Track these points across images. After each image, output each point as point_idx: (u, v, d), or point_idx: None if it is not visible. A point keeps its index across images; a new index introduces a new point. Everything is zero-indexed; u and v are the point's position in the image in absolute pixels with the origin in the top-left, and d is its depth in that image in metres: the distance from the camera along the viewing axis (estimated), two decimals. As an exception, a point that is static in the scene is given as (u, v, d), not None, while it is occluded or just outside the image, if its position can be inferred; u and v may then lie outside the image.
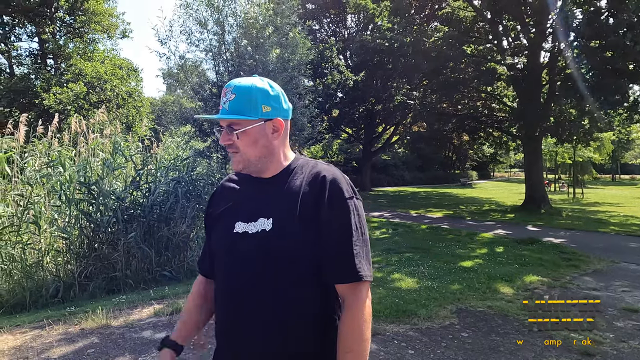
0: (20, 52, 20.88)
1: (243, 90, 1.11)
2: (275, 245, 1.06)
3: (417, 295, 4.68)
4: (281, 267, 1.05)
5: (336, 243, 1.06)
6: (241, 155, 1.12)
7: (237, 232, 1.11)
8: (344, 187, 1.10)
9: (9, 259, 5.35)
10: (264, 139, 1.13)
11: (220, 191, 1.29)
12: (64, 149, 7.06)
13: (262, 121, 1.12)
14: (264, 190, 1.16)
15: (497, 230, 10.01)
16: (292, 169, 1.17)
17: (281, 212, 1.09)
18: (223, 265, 1.14)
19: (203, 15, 7.58)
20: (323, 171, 1.13)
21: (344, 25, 26.53)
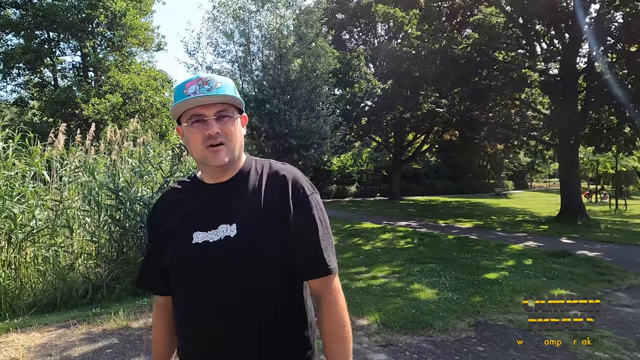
0: (64, 66, 22.20)
1: (226, 81, 1.10)
2: (242, 250, 1.02)
3: (435, 306, 4.58)
4: (250, 272, 1.02)
5: (304, 241, 1.06)
6: (227, 147, 1.07)
7: (196, 242, 1.05)
8: (304, 185, 1.11)
9: (44, 261, 5.63)
10: (240, 132, 1.12)
11: (164, 206, 1.21)
12: (99, 157, 7.40)
13: (239, 111, 1.13)
14: (221, 195, 1.11)
15: (527, 242, 9.65)
16: (247, 170, 1.14)
17: (244, 217, 1.06)
18: (186, 280, 1.07)
19: (229, 28, 7.82)
20: (281, 170, 1.12)
21: (374, 33, 26.58)
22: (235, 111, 1.11)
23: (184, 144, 1.16)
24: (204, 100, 1.04)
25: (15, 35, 19.67)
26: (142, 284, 1.26)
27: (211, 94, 1.04)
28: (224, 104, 1.07)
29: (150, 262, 1.20)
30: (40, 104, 19.55)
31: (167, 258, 1.11)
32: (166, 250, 1.11)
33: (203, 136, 1.05)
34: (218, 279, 1.03)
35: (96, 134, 8.59)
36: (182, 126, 1.10)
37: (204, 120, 1.05)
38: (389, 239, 10.30)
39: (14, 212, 5.38)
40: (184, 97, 1.04)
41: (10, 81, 20.38)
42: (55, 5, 18.82)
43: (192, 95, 1.04)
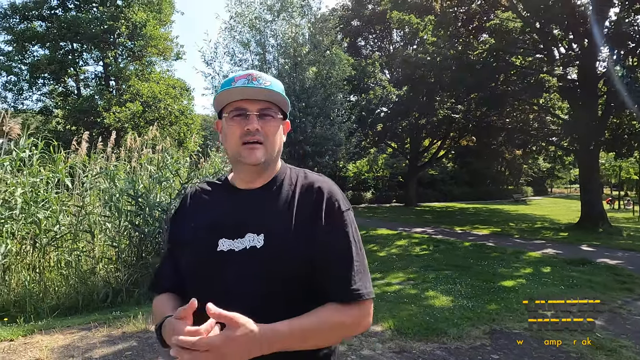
0: (87, 75, 22.88)
1: (275, 82, 1.06)
2: (268, 263, 0.97)
3: (449, 313, 4.56)
4: (275, 287, 0.97)
5: (336, 260, 0.99)
6: (266, 146, 1.02)
7: (221, 250, 1.00)
8: (340, 200, 1.05)
9: (67, 265, 5.81)
10: (280, 137, 1.08)
11: (190, 205, 1.15)
12: (119, 164, 7.60)
13: (284, 117, 1.10)
14: (251, 202, 1.05)
15: (546, 250, 9.49)
16: (281, 178, 1.08)
17: (273, 227, 1.00)
18: (207, 286, 1.00)
19: (246, 37, 7.98)
20: (317, 182, 1.06)
21: (389, 40, 26.63)
22: (279, 113, 1.06)
23: (221, 140, 1.10)
24: (249, 93, 1.01)
25: (41, 47, 20.41)
26: (156, 289, 1.16)
27: (260, 87, 1.01)
28: (269, 102, 1.03)
29: (168, 267, 1.14)
30: (64, 112, 20.18)
31: (189, 261, 1.05)
32: (189, 252, 1.06)
33: (242, 131, 1.00)
34: (241, 289, 0.97)
35: (117, 141, 8.81)
36: (221, 120, 1.07)
37: (245, 114, 1.01)
38: (405, 246, 10.27)
39: (39, 217, 5.58)
40: (229, 87, 1.02)
41: (35, 91, 21.12)
42: (79, 17, 19.46)
43: (239, 86, 1.01)
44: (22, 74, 20.13)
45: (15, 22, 19.92)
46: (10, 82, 20.05)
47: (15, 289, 5.10)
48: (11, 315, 4.69)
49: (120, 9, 20.21)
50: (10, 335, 3.81)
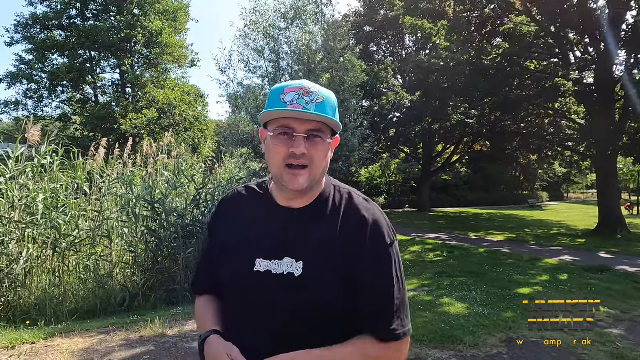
0: (104, 83, 23.38)
1: (329, 97, 0.98)
2: (305, 294, 0.94)
3: (465, 321, 4.52)
4: (308, 315, 0.95)
5: (376, 299, 0.96)
6: (310, 170, 0.96)
7: (258, 270, 0.98)
8: (385, 232, 0.99)
9: (85, 270, 5.93)
10: (327, 158, 1.00)
11: (229, 213, 1.12)
12: (136, 170, 7.74)
13: (333, 134, 1.01)
14: (292, 223, 1.01)
15: (563, 257, 9.33)
16: (325, 199, 1.04)
17: (314, 256, 0.96)
18: (242, 305, 1.01)
19: (260, 45, 8.09)
20: (363, 210, 1.01)
21: (402, 45, 26.63)
22: (329, 133, 0.99)
23: (264, 151, 1.05)
24: (299, 115, 0.93)
25: (60, 55, 20.94)
26: (198, 290, 1.17)
27: (308, 110, 0.93)
28: (319, 122, 0.95)
29: (208, 269, 1.13)
30: (82, 119, 20.63)
31: (225, 275, 1.04)
32: (225, 265, 1.05)
33: (286, 152, 0.94)
34: (274, 313, 0.96)
35: (133, 147, 8.96)
36: (266, 132, 1.01)
37: (292, 134, 0.95)
38: (418, 252, 10.20)
39: (59, 222, 5.71)
40: (277, 105, 0.95)
41: (55, 98, 21.65)
42: (97, 26, 19.94)
43: (287, 103, 0.93)
44: (42, 82, 20.67)
45: (36, 32, 20.49)
46: (31, 89, 20.60)
47: (35, 293, 5.22)
48: (32, 318, 4.80)
49: (137, 17, 20.65)
50: (32, 338, 3.91)
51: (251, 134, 8.87)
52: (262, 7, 8.29)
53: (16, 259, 5.06)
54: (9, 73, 20.00)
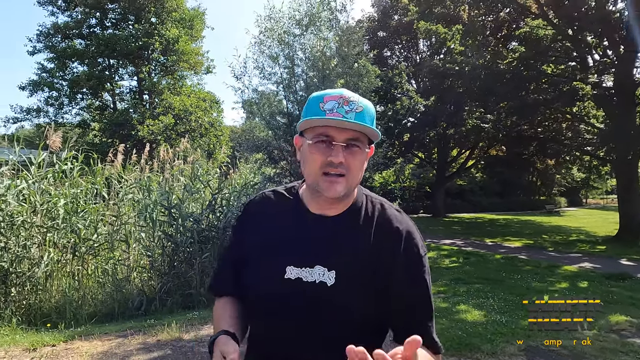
0: (122, 90, 23.87)
1: (367, 106, 0.97)
2: (337, 305, 0.93)
3: (483, 328, 4.46)
4: (339, 327, 0.94)
5: (412, 310, 0.96)
6: (347, 179, 0.95)
7: (289, 278, 0.96)
8: (419, 243, 1.00)
9: (104, 273, 6.03)
10: (363, 167, 0.99)
11: (257, 217, 1.10)
12: (153, 175, 7.86)
13: (370, 143, 1.00)
14: (324, 232, 1.00)
15: (583, 263, 9.13)
16: (358, 208, 1.03)
17: (347, 265, 0.95)
18: (270, 314, 0.98)
19: (275, 51, 8.17)
20: (395, 221, 1.01)
21: (416, 50, 26.55)
22: (367, 142, 0.98)
23: (299, 157, 1.04)
24: (339, 123, 0.92)
25: (80, 64, 21.47)
26: (218, 292, 1.15)
27: (347, 119, 0.92)
28: (358, 131, 0.95)
29: (230, 271, 1.11)
30: (101, 125, 21.05)
31: (253, 282, 1.02)
32: (253, 271, 1.03)
33: (324, 160, 0.94)
34: (303, 320, 0.95)
35: (150, 153, 9.11)
36: (302, 138, 1.00)
37: (330, 143, 0.94)
38: (433, 258, 10.10)
39: (79, 227, 5.83)
40: (316, 114, 0.94)
41: (74, 105, 22.17)
42: (116, 35, 20.42)
43: (327, 112, 0.93)
44: (62, 89, 21.19)
45: (57, 41, 21.05)
46: (52, 97, 21.13)
47: (55, 296, 5.33)
48: (53, 321, 4.90)
49: (155, 26, 21.04)
50: (52, 340, 3.98)
51: (266, 139, 8.95)
52: (277, 14, 8.37)
53: (37, 263, 5.18)
54: (31, 81, 20.56)
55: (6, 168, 5.82)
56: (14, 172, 5.91)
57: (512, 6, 15.76)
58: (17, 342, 3.95)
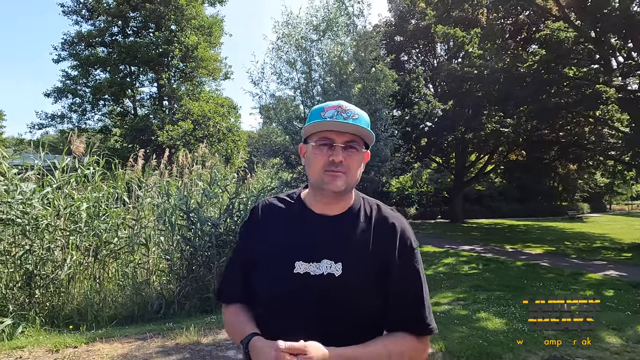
0: (143, 96, 24.33)
1: (362, 115, 1.10)
2: (346, 292, 1.03)
3: (504, 337, 4.35)
4: (345, 312, 1.02)
5: (408, 295, 1.07)
6: (347, 176, 1.07)
7: (298, 272, 1.04)
8: (411, 237, 1.12)
9: (124, 277, 6.12)
10: (360, 168, 1.12)
11: (264, 221, 1.17)
12: (172, 180, 7.97)
13: (366, 148, 1.13)
14: (328, 229, 1.10)
15: (608, 271, 8.86)
16: (357, 208, 1.14)
17: (351, 257, 1.06)
18: (276, 306, 1.06)
19: (292, 57, 8.22)
20: (391, 218, 1.12)
21: (433, 54, 26.37)
22: (363, 145, 1.11)
23: (304, 163, 1.16)
24: (338, 126, 1.05)
25: (102, 71, 22.01)
26: (228, 299, 1.20)
27: (347, 122, 1.05)
28: (355, 135, 1.08)
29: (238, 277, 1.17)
30: (122, 131, 21.51)
31: (262, 280, 1.09)
32: (261, 270, 1.10)
33: (326, 160, 1.06)
34: (312, 311, 1.02)
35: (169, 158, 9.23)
36: (307, 145, 1.12)
37: (331, 145, 1.07)
38: (452, 264, 9.95)
39: (101, 230, 5.94)
40: (319, 119, 1.07)
41: (97, 111, 22.71)
42: (137, 42, 20.87)
43: (328, 118, 1.06)
44: (85, 96, 21.75)
45: (81, 49, 21.66)
46: (76, 103, 21.70)
47: (77, 298, 5.42)
48: (74, 322, 4.99)
49: (174, 33, 21.43)
50: (74, 342, 4.05)
51: (283, 144, 8.98)
52: (294, 20, 8.43)
53: (60, 265, 5.29)
54: (55, 88, 21.18)
55: (31, 173, 5.97)
56: (39, 176, 6.06)
57: (532, 8, 15.53)
58: (41, 343, 4.03)
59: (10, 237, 5.38)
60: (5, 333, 4.44)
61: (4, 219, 5.35)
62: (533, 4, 15.18)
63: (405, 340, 1.05)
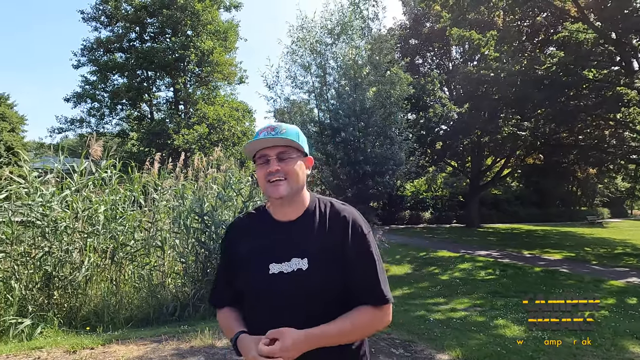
0: (159, 101, 24.71)
1: (291, 128, 1.29)
2: (313, 281, 1.19)
3: (523, 345, 4.24)
4: (316, 299, 1.19)
5: (364, 273, 1.23)
6: (288, 182, 1.23)
7: (273, 273, 1.22)
8: (362, 225, 1.27)
9: (140, 279, 6.18)
10: (302, 172, 1.28)
11: (238, 234, 1.37)
12: (187, 183, 8.03)
13: (303, 154, 1.31)
14: (293, 232, 1.27)
15: (630, 278, 8.60)
16: (312, 210, 1.30)
17: (314, 252, 1.22)
18: (261, 302, 1.24)
19: (307, 60, 8.23)
20: (342, 211, 1.29)
21: (448, 57, 26.16)
22: (297, 153, 1.27)
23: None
24: (267, 142, 1.24)
25: (120, 76, 22.44)
26: (218, 303, 1.40)
27: (273, 136, 1.23)
28: (286, 146, 1.25)
29: (224, 283, 1.38)
30: (139, 135, 21.84)
31: (245, 282, 1.28)
32: (242, 275, 1.28)
33: (265, 173, 1.23)
34: (289, 303, 1.20)
35: (185, 161, 9.31)
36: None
37: (267, 159, 1.24)
38: (468, 269, 9.80)
39: (118, 233, 6.01)
40: (254, 139, 1.26)
41: (115, 116, 23.13)
42: (154, 47, 21.23)
43: (261, 138, 1.24)
44: (104, 100, 22.18)
45: (99, 55, 22.12)
46: (94, 108, 22.15)
47: (94, 300, 5.49)
48: (91, 324, 5.05)
49: (190, 38, 21.73)
50: (91, 343, 4.10)
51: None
52: (309, 24, 8.45)
53: (78, 267, 5.36)
54: (75, 93, 21.66)
55: (51, 176, 6.08)
56: (58, 179, 6.17)
57: (550, 10, 15.29)
58: (59, 344, 4.09)
59: (30, 239, 5.48)
60: (24, 333, 4.51)
61: (24, 221, 5.46)
62: (551, 6, 14.95)
63: (366, 311, 1.21)
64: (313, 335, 1.13)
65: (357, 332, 1.21)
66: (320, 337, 1.14)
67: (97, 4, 21.74)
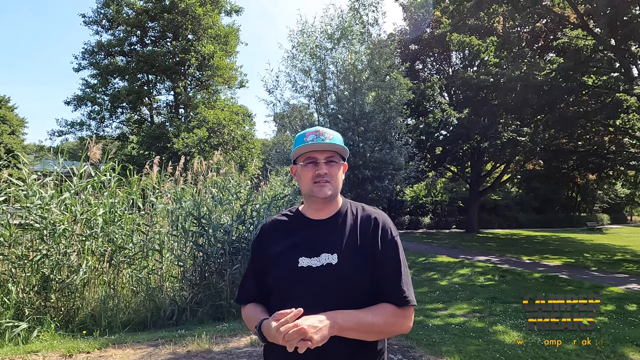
0: (159, 104, 24.72)
1: (337, 135, 1.40)
2: (341, 276, 1.25)
3: (522, 351, 4.22)
4: (345, 293, 1.24)
5: (389, 274, 1.29)
6: (332, 184, 1.34)
7: (302, 266, 1.28)
8: (392, 228, 1.36)
9: (137, 282, 6.15)
10: (341, 176, 1.40)
11: (272, 233, 1.43)
12: (186, 186, 8.02)
13: (343, 160, 1.42)
14: (324, 229, 1.35)
15: (630, 285, 8.57)
16: (344, 211, 1.40)
17: (344, 249, 1.30)
18: (290, 295, 1.26)
19: (307, 65, 8.24)
20: (373, 214, 1.38)
21: (448, 62, 26.22)
22: (340, 159, 1.39)
23: (295, 180, 1.45)
24: (319, 147, 1.34)
25: (120, 79, 22.46)
26: (243, 300, 1.44)
27: (325, 142, 1.33)
28: (333, 151, 1.36)
29: (251, 282, 1.42)
30: (139, 138, 21.83)
31: (274, 276, 1.33)
32: (273, 270, 1.34)
33: (313, 174, 1.34)
34: (317, 296, 1.23)
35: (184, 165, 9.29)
36: (296, 165, 1.41)
37: (316, 162, 1.34)
38: (467, 275, 9.76)
39: (116, 236, 5.99)
40: (303, 143, 1.35)
41: (115, 119, 23.13)
42: (155, 51, 21.28)
43: (310, 142, 1.34)
44: (104, 104, 22.18)
45: (100, 58, 22.16)
46: (94, 111, 22.13)
47: (91, 303, 5.46)
48: (88, 327, 5.02)
49: (191, 42, 21.80)
50: (87, 347, 4.07)
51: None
52: (309, 28, 8.46)
53: (76, 270, 5.34)
54: (75, 96, 21.66)
55: (50, 179, 6.07)
56: (57, 182, 6.16)
57: (550, 17, 15.35)
58: (55, 348, 4.06)
59: (28, 242, 5.47)
60: (20, 337, 4.49)
61: (22, 223, 5.45)
62: (550, 12, 15.02)
63: (387, 308, 1.25)
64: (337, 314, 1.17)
65: (376, 326, 1.22)
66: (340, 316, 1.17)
67: (98, 8, 21.84)
